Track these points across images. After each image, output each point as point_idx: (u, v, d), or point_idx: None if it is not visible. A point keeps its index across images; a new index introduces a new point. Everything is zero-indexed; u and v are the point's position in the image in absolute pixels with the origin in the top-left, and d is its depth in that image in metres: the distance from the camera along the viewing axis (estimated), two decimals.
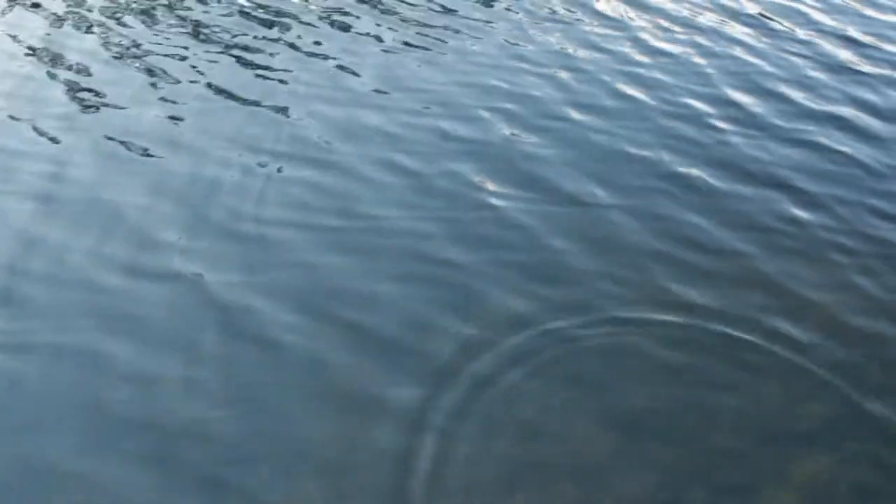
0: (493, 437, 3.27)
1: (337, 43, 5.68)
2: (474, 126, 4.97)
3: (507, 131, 4.95)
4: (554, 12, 6.27)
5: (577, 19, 6.21)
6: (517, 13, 6.22)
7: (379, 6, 6.14)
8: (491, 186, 4.52)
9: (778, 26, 6.38)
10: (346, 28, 5.85)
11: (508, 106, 5.19)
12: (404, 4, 6.19)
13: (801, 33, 6.30)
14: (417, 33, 5.86)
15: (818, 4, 6.77)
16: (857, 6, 6.79)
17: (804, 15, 6.59)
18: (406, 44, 5.73)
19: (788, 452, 3.28)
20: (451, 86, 5.33)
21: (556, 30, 6.05)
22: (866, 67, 5.95)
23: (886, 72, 5.90)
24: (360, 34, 5.80)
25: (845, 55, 6.07)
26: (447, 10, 6.17)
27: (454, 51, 5.70)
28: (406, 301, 3.79)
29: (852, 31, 6.40)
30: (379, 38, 5.77)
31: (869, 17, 6.66)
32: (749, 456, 3.26)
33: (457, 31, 5.91)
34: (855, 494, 3.15)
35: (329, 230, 4.15)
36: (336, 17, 5.97)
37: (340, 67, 5.42)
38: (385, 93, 5.21)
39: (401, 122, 4.96)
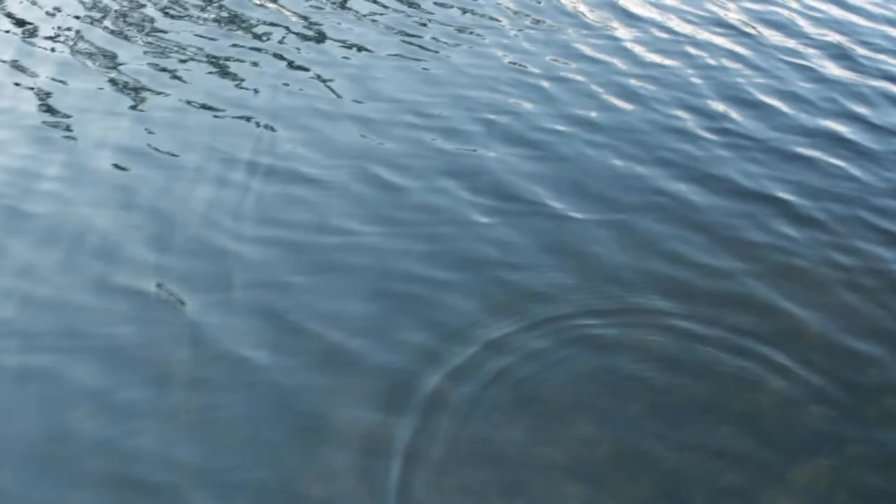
0: (489, 444, 3.26)
1: (318, 53, 5.63)
2: (457, 138, 4.94)
3: (490, 144, 4.93)
4: (540, 22, 6.24)
5: (564, 30, 6.18)
6: (502, 23, 6.18)
7: (360, 15, 6.08)
8: (472, 200, 4.49)
9: (767, 38, 6.37)
10: (327, 38, 5.80)
11: (492, 117, 5.17)
12: (386, 14, 6.13)
13: (791, 44, 6.31)
14: (402, 41, 5.81)
15: (807, 14, 6.77)
16: (848, 16, 6.78)
17: (793, 26, 6.59)
18: (389, 54, 5.68)
19: (788, 457, 3.31)
20: (435, 97, 5.30)
21: (543, 41, 6.02)
22: (857, 78, 5.95)
23: (877, 83, 5.88)
24: (342, 44, 5.75)
25: (835, 66, 6.07)
26: (432, 21, 6.12)
27: (439, 61, 5.65)
28: (385, 320, 3.75)
29: (843, 42, 6.40)
30: (361, 48, 5.71)
31: (859, 27, 6.65)
32: (749, 461, 3.29)
33: (442, 42, 5.86)
34: (855, 499, 3.18)
35: (306, 246, 4.11)
36: (317, 26, 5.91)
37: (321, 78, 5.39)
38: (366, 104, 5.19)
39: (382, 135, 4.93)
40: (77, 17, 5.79)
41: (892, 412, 3.53)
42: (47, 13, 5.82)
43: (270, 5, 6.14)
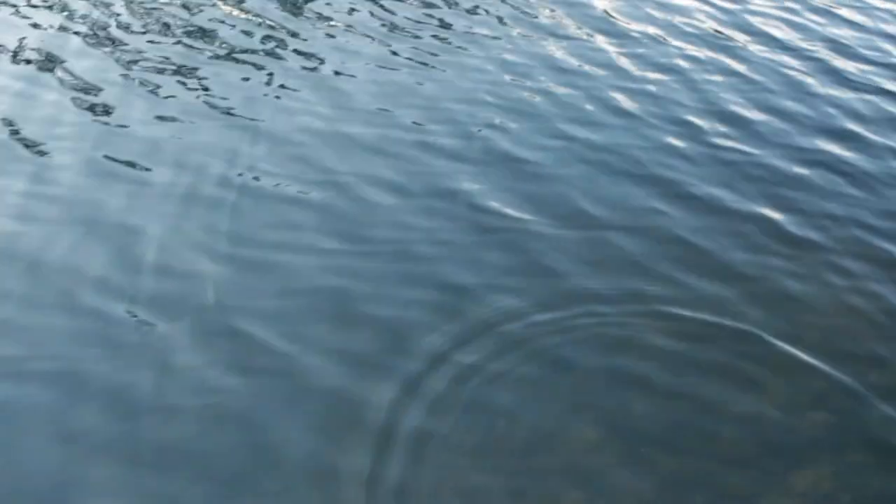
0: (490, 448, 3.25)
1: (298, 65, 5.64)
2: (440, 154, 4.90)
3: (473, 160, 4.87)
4: (527, 36, 6.24)
5: (552, 43, 6.22)
6: (488, 36, 6.18)
7: (342, 27, 6.03)
8: (454, 218, 4.44)
9: (759, 53, 6.42)
10: (308, 50, 5.79)
11: (476, 132, 5.12)
12: (370, 26, 6.14)
13: (784, 59, 6.37)
14: (385, 54, 5.82)
15: (799, 28, 6.84)
16: (840, 30, 6.77)
17: (786, 41, 6.60)
18: (371, 67, 5.69)
19: (790, 461, 3.33)
20: (419, 111, 5.27)
21: (530, 54, 6.08)
22: (850, 94, 6.00)
23: (871, 98, 5.94)
24: (323, 56, 5.76)
25: (828, 81, 6.11)
26: (417, 33, 6.10)
27: (424, 74, 5.68)
28: (364, 344, 3.66)
29: (836, 57, 6.46)
30: (343, 61, 5.71)
31: (852, 41, 6.66)
32: (751, 464, 3.31)
33: (427, 55, 5.87)
34: None
35: (280, 266, 4.02)
36: (298, 38, 5.87)
37: (300, 91, 5.37)
38: (347, 118, 5.14)
39: (363, 150, 4.87)
40: (48, 29, 5.71)
41: (894, 417, 3.55)
42: (16, 24, 5.74)
43: (250, 17, 6.08)
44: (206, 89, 5.24)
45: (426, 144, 4.93)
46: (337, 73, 5.54)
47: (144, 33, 5.77)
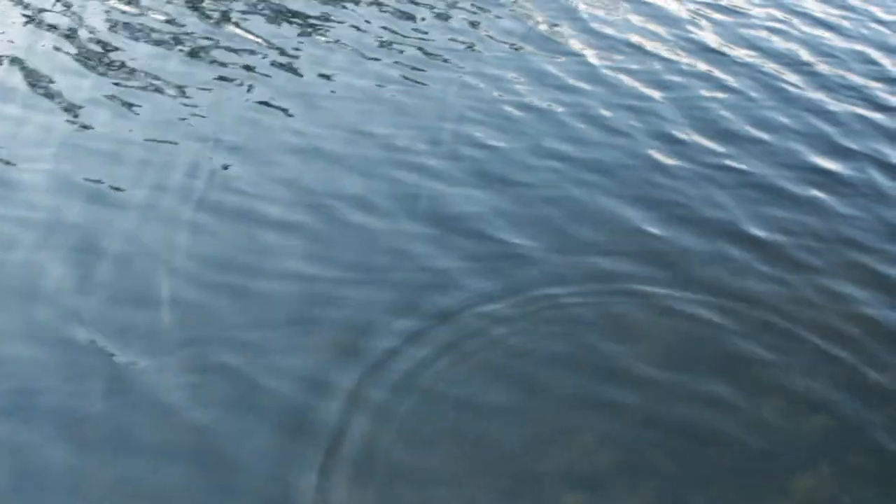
0: (491, 451, 3.28)
1: (283, 81, 5.60)
2: (425, 174, 4.84)
3: (459, 179, 4.83)
4: (515, 49, 6.35)
5: (540, 58, 6.26)
6: (476, 51, 6.27)
7: (328, 43, 6.12)
8: (437, 242, 4.35)
9: (741, 59, 6.44)
10: (293, 66, 5.80)
11: (462, 151, 5.09)
12: (355, 42, 6.21)
13: (773, 72, 6.43)
14: (371, 70, 5.84)
15: (792, 38, 6.90)
16: (833, 40, 6.81)
17: (768, 46, 6.70)
18: (357, 83, 5.68)
19: (789, 466, 3.39)
20: (403, 129, 5.23)
21: (518, 68, 6.08)
22: (840, 106, 6.00)
23: (863, 112, 5.96)
24: (309, 73, 5.74)
25: (816, 93, 6.22)
26: (403, 47, 6.19)
27: (409, 91, 5.67)
28: (331, 369, 3.61)
29: (827, 68, 6.55)
30: (328, 77, 5.71)
31: (845, 51, 6.75)
32: (750, 469, 3.36)
33: (414, 70, 5.90)
34: None
35: (250, 292, 3.95)
36: (283, 54, 5.93)
37: (283, 108, 5.33)
38: (331, 137, 5.09)
39: (346, 169, 4.82)
40: (29, 43, 5.73)
41: (894, 421, 3.59)
42: None
43: (238, 32, 6.12)
44: (191, 106, 5.22)
45: (414, 165, 4.89)
46: (325, 91, 5.51)
47: (134, 49, 5.76)
